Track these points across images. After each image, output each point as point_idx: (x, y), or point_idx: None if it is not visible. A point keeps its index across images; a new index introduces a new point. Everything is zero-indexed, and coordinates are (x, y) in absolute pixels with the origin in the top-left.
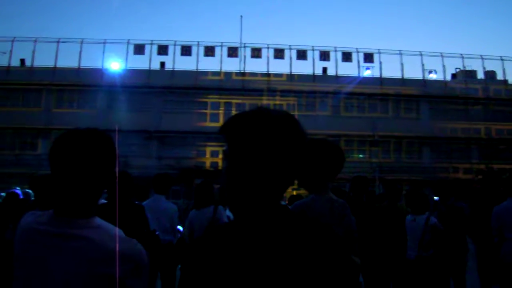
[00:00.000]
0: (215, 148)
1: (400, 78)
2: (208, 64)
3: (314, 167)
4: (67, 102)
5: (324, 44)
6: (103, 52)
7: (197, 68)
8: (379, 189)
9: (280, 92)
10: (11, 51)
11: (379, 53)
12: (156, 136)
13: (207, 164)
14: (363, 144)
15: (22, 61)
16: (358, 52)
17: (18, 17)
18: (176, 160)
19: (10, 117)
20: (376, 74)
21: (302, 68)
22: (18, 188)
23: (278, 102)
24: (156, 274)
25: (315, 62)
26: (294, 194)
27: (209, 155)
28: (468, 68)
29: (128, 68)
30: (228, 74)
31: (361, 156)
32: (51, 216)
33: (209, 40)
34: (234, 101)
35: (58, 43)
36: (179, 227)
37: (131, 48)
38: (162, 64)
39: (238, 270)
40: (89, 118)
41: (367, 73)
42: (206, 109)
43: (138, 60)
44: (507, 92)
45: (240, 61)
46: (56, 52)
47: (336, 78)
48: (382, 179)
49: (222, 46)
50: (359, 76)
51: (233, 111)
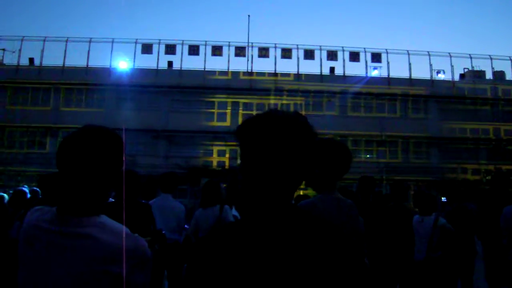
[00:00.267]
0: (222, 148)
1: (408, 78)
2: (216, 64)
3: (321, 166)
4: (75, 101)
5: (332, 44)
6: (111, 51)
7: (204, 68)
8: (386, 189)
9: (288, 91)
10: (20, 50)
11: (387, 53)
12: (164, 135)
13: (214, 163)
14: (370, 144)
15: (31, 60)
16: (365, 52)
17: (27, 16)
18: (184, 160)
19: (19, 115)
20: (384, 74)
21: (310, 67)
22: (25, 186)
23: (285, 102)
24: (163, 273)
25: (322, 62)
26: (301, 194)
27: (216, 155)
28: (476, 68)
29: (136, 67)
30: (235, 74)
31: (368, 156)
32: (54, 214)
33: (216, 39)
34: (241, 100)
35: (66, 42)
36: (186, 226)
37: (139, 47)
38: (170, 64)
39: (248, 268)
40: (97, 117)
41: (374, 73)
42: (213, 108)
43: (146, 60)
44: None
45: (248, 60)
46: (65, 51)
47: (344, 78)
48: (389, 180)
49: (229, 46)
50: (366, 76)
51: (240, 111)
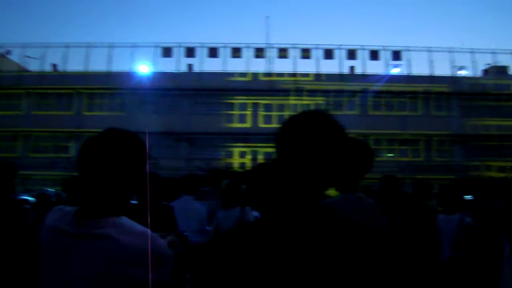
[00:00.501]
0: (243, 149)
1: (429, 75)
2: (235, 65)
3: (343, 165)
4: (98, 105)
5: (351, 43)
6: (132, 55)
7: (224, 70)
8: (409, 188)
9: (308, 92)
10: (44, 56)
11: (407, 50)
12: (185, 138)
13: (235, 165)
14: (392, 143)
15: (54, 66)
16: (385, 50)
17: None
18: (205, 161)
19: (44, 121)
20: (404, 72)
21: (329, 67)
22: (49, 189)
23: (305, 102)
24: (186, 276)
25: (342, 61)
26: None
27: (237, 156)
28: (499, 64)
29: (156, 71)
30: (255, 75)
31: (390, 155)
32: (73, 215)
33: (235, 41)
34: (262, 101)
35: (88, 48)
36: (208, 228)
37: (159, 51)
38: (190, 67)
39: (270, 267)
40: (119, 121)
41: (395, 71)
42: (233, 110)
43: (166, 63)
44: None
45: (267, 61)
46: (87, 56)
47: (364, 76)
48: (412, 178)
49: (248, 47)
50: (387, 74)
51: (260, 112)
